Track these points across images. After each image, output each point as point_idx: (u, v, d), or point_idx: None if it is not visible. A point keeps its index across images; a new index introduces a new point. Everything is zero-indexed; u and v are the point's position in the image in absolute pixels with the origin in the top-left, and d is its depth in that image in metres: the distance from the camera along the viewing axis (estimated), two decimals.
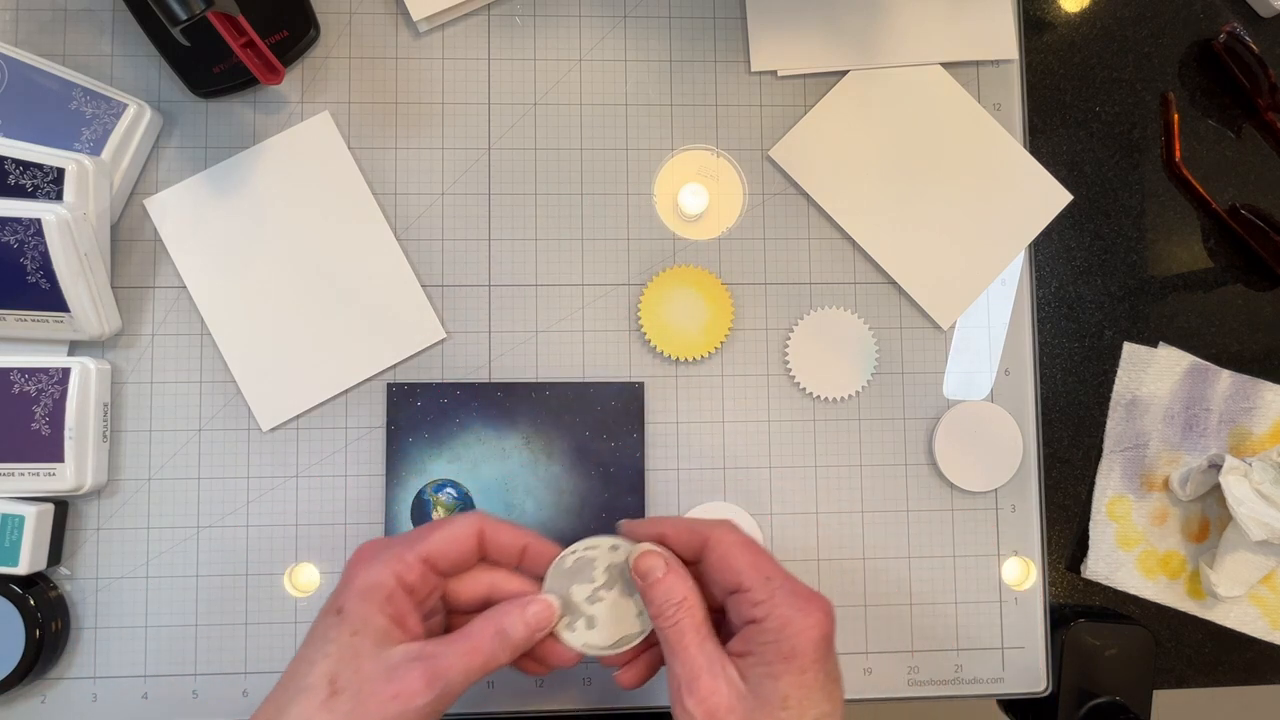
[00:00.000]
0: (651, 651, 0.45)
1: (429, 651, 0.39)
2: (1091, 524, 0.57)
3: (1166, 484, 0.58)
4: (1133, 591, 0.57)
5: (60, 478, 0.49)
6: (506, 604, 0.41)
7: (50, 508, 0.50)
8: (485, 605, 0.43)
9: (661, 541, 0.43)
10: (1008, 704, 0.59)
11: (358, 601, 0.39)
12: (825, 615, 0.39)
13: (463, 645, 0.39)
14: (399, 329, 0.54)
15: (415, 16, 0.54)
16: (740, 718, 0.38)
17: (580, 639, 0.43)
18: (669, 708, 0.54)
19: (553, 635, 0.42)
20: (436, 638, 0.40)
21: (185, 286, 0.53)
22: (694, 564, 0.43)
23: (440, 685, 0.38)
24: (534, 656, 0.43)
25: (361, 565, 0.40)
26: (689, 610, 0.41)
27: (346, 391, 0.53)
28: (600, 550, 0.44)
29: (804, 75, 0.57)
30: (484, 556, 0.44)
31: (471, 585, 0.43)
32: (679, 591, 0.41)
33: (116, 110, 0.51)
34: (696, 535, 0.42)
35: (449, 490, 0.53)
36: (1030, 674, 0.55)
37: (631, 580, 0.43)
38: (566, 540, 0.44)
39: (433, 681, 0.38)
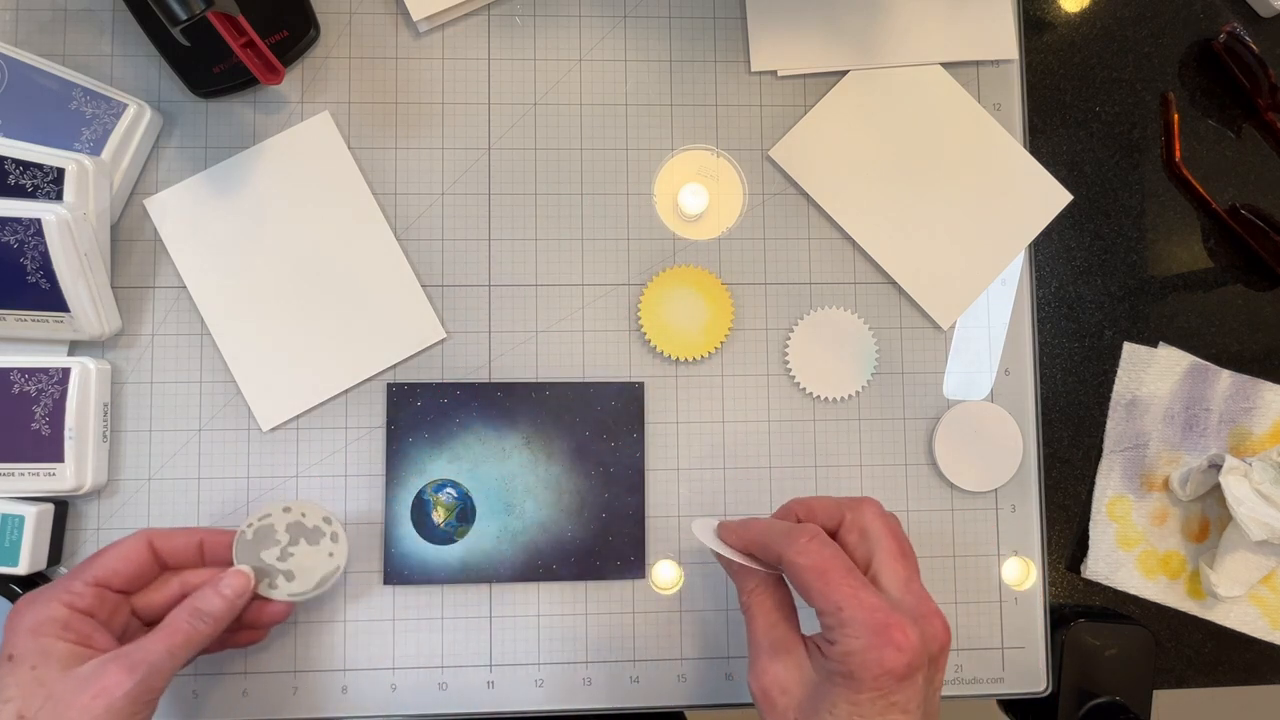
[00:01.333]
0: None
1: (125, 650, 0.40)
2: (1091, 524, 0.57)
3: (1166, 484, 0.58)
4: (1133, 591, 0.57)
5: (60, 478, 0.49)
6: (202, 587, 0.43)
7: (50, 508, 0.50)
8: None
9: (744, 549, 0.42)
10: (1008, 704, 0.59)
11: (28, 640, 0.39)
12: (897, 650, 0.36)
13: (160, 633, 0.41)
14: (399, 329, 0.54)
15: (415, 16, 0.54)
16: (793, 703, 0.38)
17: (285, 591, 0.47)
18: (668, 707, 0.54)
19: (259, 599, 0.46)
20: (134, 641, 0.41)
21: (185, 286, 0.53)
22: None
23: (142, 669, 0.39)
24: (247, 624, 0.46)
25: (23, 609, 0.40)
26: (759, 597, 0.41)
27: (346, 391, 0.53)
28: (275, 514, 0.48)
29: (804, 75, 0.57)
30: (165, 566, 0.45)
31: (162, 592, 0.45)
32: (751, 581, 0.42)
33: (116, 110, 0.51)
34: (771, 552, 0.40)
35: (449, 490, 0.53)
36: (1030, 674, 0.55)
37: (313, 531, 0.48)
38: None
39: (133, 669, 0.38)
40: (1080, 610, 0.57)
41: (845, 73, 0.57)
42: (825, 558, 0.38)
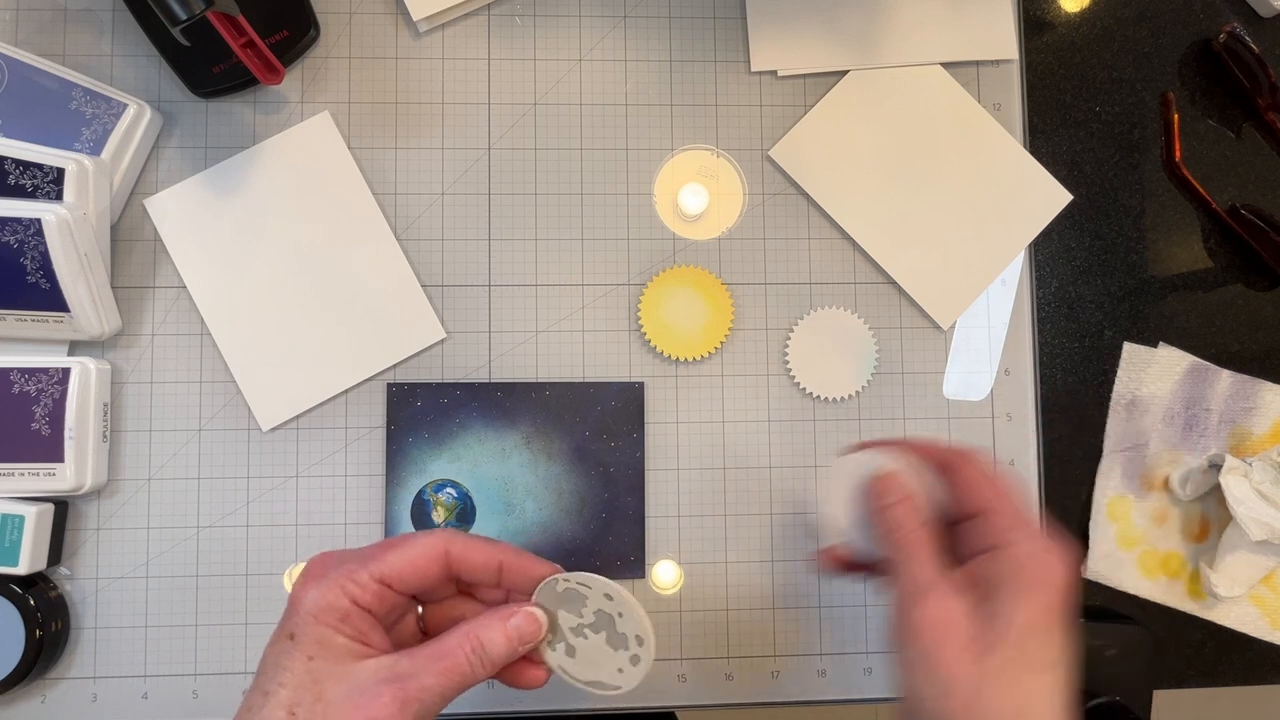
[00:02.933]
0: None
1: (401, 670, 0.36)
2: (1091, 524, 0.57)
3: (1166, 484, 0.58)
4: (1133, 591, 0.57)
5: (60, 478, 0.49)
6: (487, 615, 0.38)
7: (50, 508, 0.50)
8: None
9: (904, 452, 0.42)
10: None
11: (310, 624, 0.36)
12: (1068, 570, 0.37)
13: (438, 665, 0.36)
14: (399, 329, 0.54)
15: (415, 16, 0.54)
16: (963, 644, 0.36)
17: (558, 660, 0.40)
18: (668, 708, 0.54)
19: (532, 651, 0.40)
20: (409, 650, 0.37)
21: (185, 286, 0.53)
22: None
23: (414, 708, 0.35)
24: (504, 671, 0.40)
25: (310, 585, 0.37)
26: (921, 528, 0.39)
27: (346, 391, 0.53)
28: (594, 591, 0.40)
29: (804, 75, 0.57)
30: (455, 577, 0.40)
31: (447, 613, 0.41)
32: (912, 518, 0.40)
33: (116, 110, 0.51)
34: (940, 456, 0.41)
35: (449, 490, 0.53)
36: None
37: (619, 636, 0.40)
38: (556, 557, 0.43)
39: (405, 705, 0.35)
40: (1080, 610, 0.57)
41: (845, 73, 0.57)
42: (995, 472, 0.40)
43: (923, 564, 0.38)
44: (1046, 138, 0.59)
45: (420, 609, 0.41)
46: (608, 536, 0.53)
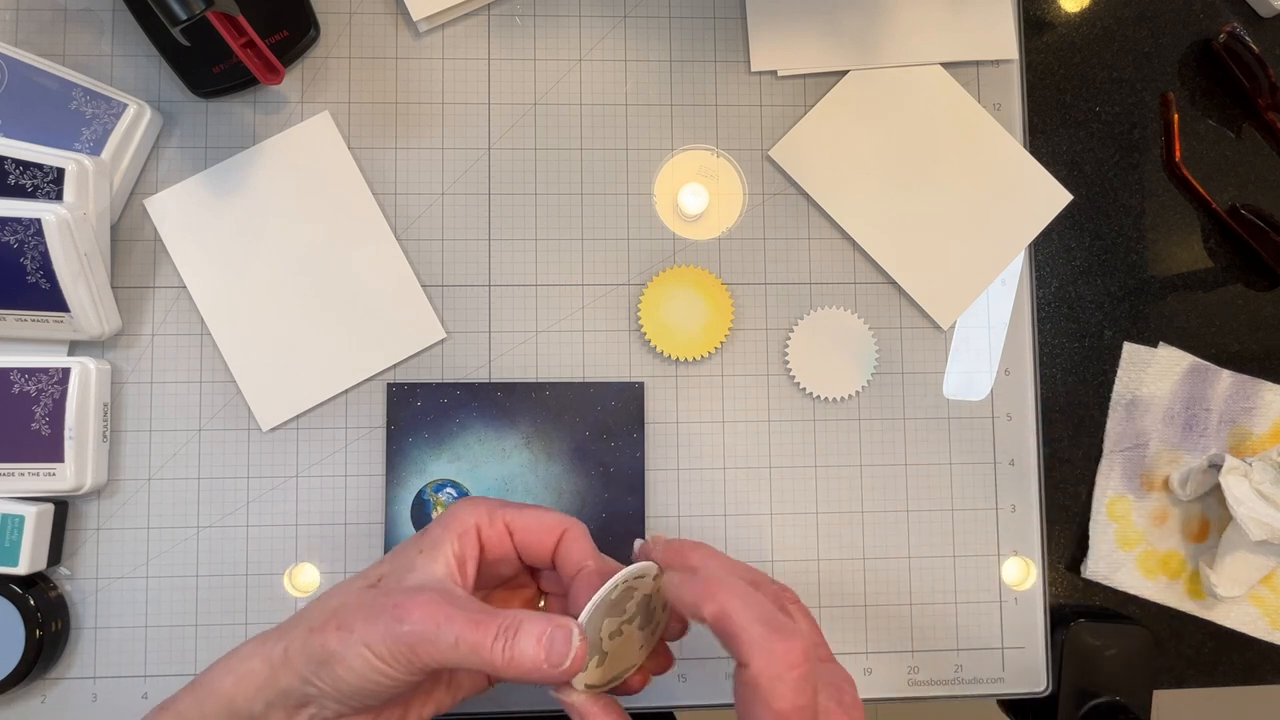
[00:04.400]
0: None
1: (452, 596, 0.36)
2: (1091, 524, 0.57)
3: (1166, 484, 0.58)
4: (1133, 591, 0.57)
5: (60, 478, 0.49)
6: (536, 617, 0.36)
7: (50, 508, 0.50)
8: None
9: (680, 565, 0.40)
10: (1008, 704, 0.59)
11: (439, 530, 0.40)
12: (792, 663, 0.34)
13: (476, 619, 0.36)
14: (399, 329, 0.54)
15: (415, 16, 0.54)
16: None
17: (583, 680, 0.38)
18: (668, 708, 0.54)
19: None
20: (470, 596, 0.38)
21: (185, 286, 0.53)
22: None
23: (432, 627, 0.35)
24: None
25: (459, 506, 0.41)
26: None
27: (346, 391, 0.53)
28: (645, 580, 0.39)
29: (804, 75, 0.57)
30: (553, 561, 0.41)
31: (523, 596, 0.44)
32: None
33: (116, 110, 0.51)
34: (678, 560, 0.41)
35: (449, 490, 0.53)
36: (1030, 674, 0.55)
37: (649, 612, 0.40)
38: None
39: (432, 619, 0.35)
40: (1080, 610, 0.57)
41: (845, 73, 0.57)
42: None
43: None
44: (1046, 138, 0.59)
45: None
46: (608, 536, 0.53)
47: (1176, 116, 0.60)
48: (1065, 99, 0.60)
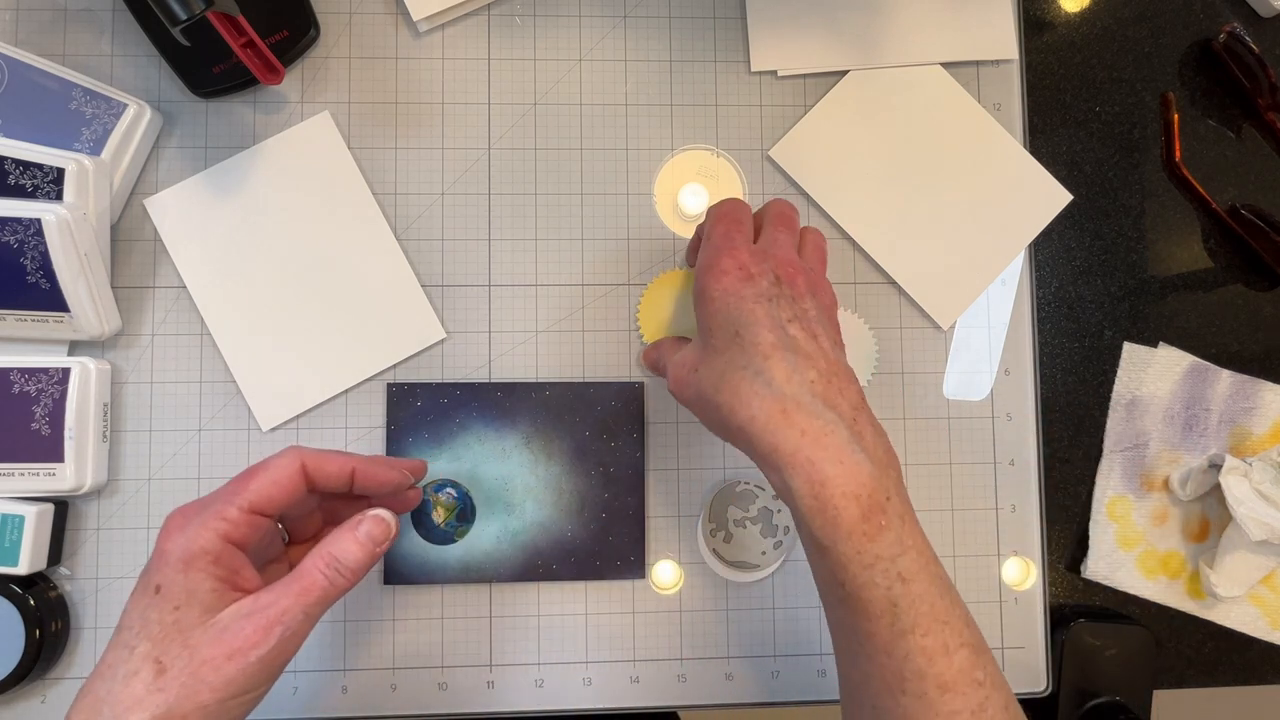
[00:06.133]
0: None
1: (261, 604, 0.37)
2: (1091, 524, 0.57)
3: (1166, 484, 0.58)
4: (1133, 591, 0.57)
5: (60, 478, 0.49)
6: (336, 530, 0.40)
7: (50, 508, 0.50)
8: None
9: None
10: None
11: (178, 574, 0.37)
12: (730, 257, 0.43)
13: (295, 586, 0.38)
14: (399, 329, 0.54)
15: (415, 16, 0.54)
16: (691, 368, 0.43)
17: (715, 544, 0.53)
18: (668, 708, 0.54)
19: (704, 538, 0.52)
20: (268, 587, 0.38)
21: (185, 286, 0.53)
22: None
23: (278, 631, 0.36)
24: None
25: (176, 533, 0.37)
26: (669, 351, 0.48)
27: (346, 391, 0.53)
28: (765, 495, 0.53)
29: (804, 75, 0.57)
30: (313, 490, 0.41)
31: (308, 507, 0.44)
32: (661, 352, 0.51)
33: (116, 110, 0.51)
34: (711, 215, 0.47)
35: (449, 490, 0.53)
36: (1030, 674, 0.55)
37: (772, 527, 0.53)
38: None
39: (269, 629, 0.36)
40: (1080, 610, 0.57)
41: (845, 73, 0.57)
42: (730, 208, 0.46)
43: (664, 360, 0.47)
44: (1046, 138, 0.59)
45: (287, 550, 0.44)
46: (608, 536, 0.53)
47: (1176, 116, 0.60)
48: (1065, 99, 0.60)
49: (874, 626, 0.38)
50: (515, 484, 0.53)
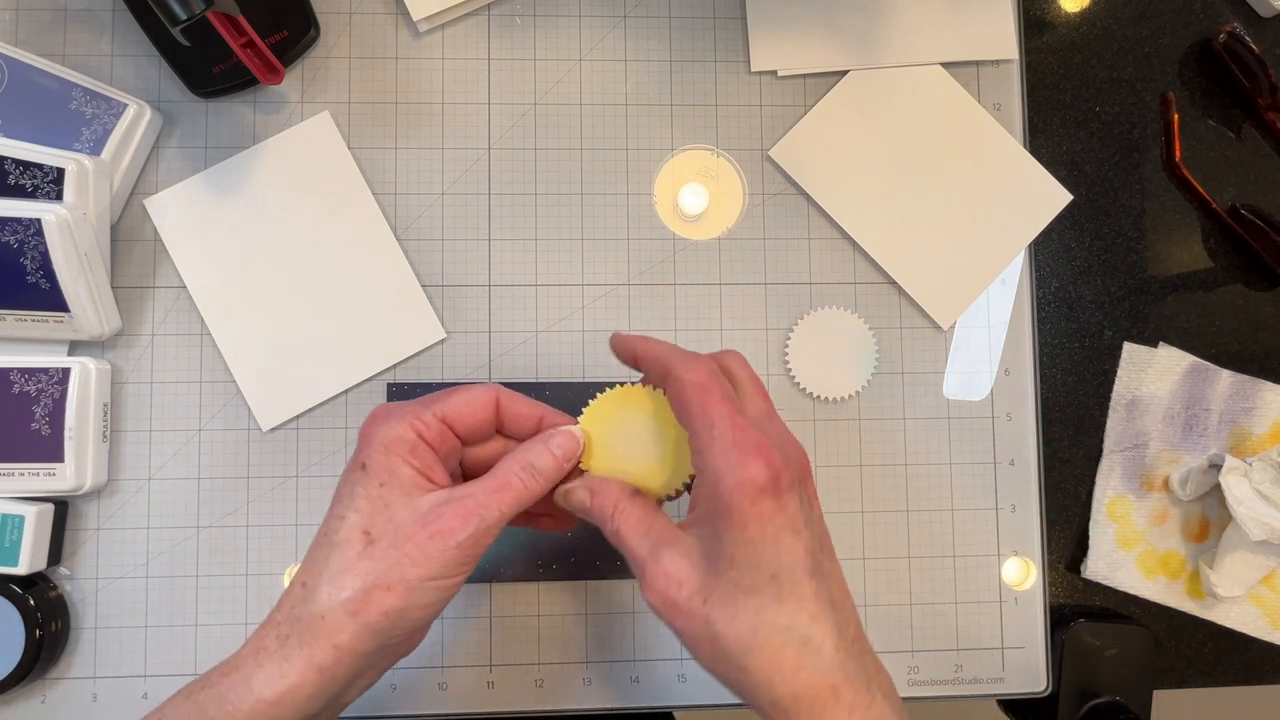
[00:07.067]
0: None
1: (460, 493, 0.38)
2: (1091, 524, 0.57)
3: (1166, 484, 0.58)
4: (1133, 591, 0.57)
5: (60, 478, 0.49)
6: (530, 441, 0.41)
7: (50, 508, 0.50)
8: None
9: (634, 363, 0.42)
10: (1008, 704, 0.59)
11: (381, 455, 0.39)
12: (764, 464, 0.35)
13: (492, 483, 0.39)
14: (399, 329, 0.54)
15: (415, 16, 0.54)
16: (694, 591, 0.36)
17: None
18: (668, 708, 0.54)
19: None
20: (466, 484, 0.39)
21: (185, 286, 0.53)
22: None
23: (475, 521, 0.37)
24: (553, 511, 0.43)
25: (379, 423, 0.40)
26: (624, 512, 0.39)
27: (346, 391, 0.53)
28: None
29: (804, 75, 0.57)
30: (500, 429, 0.43)
31: (490, 450, 0.43)
32: (610, 499, 0.40)
33: (116, 110, 0.51)
34: (661, 367, 0.40)
35: None
36: (1030, 674, 0.55)
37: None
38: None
39: (468, 518, 0.37)
40: (1080, 610, 0.57)
41: (845, 73, 0.57)
42: (712, 380, 0.38)
43: (630, 546, 0.38)
44: (1046, 138, 0.59)
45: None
46: None
47: (1176, 116, 0.60)
48: (1065, 99, 0.60)
49: None
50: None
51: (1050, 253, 0.59)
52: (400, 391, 0.53)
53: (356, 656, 0.37)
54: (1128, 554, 0.57)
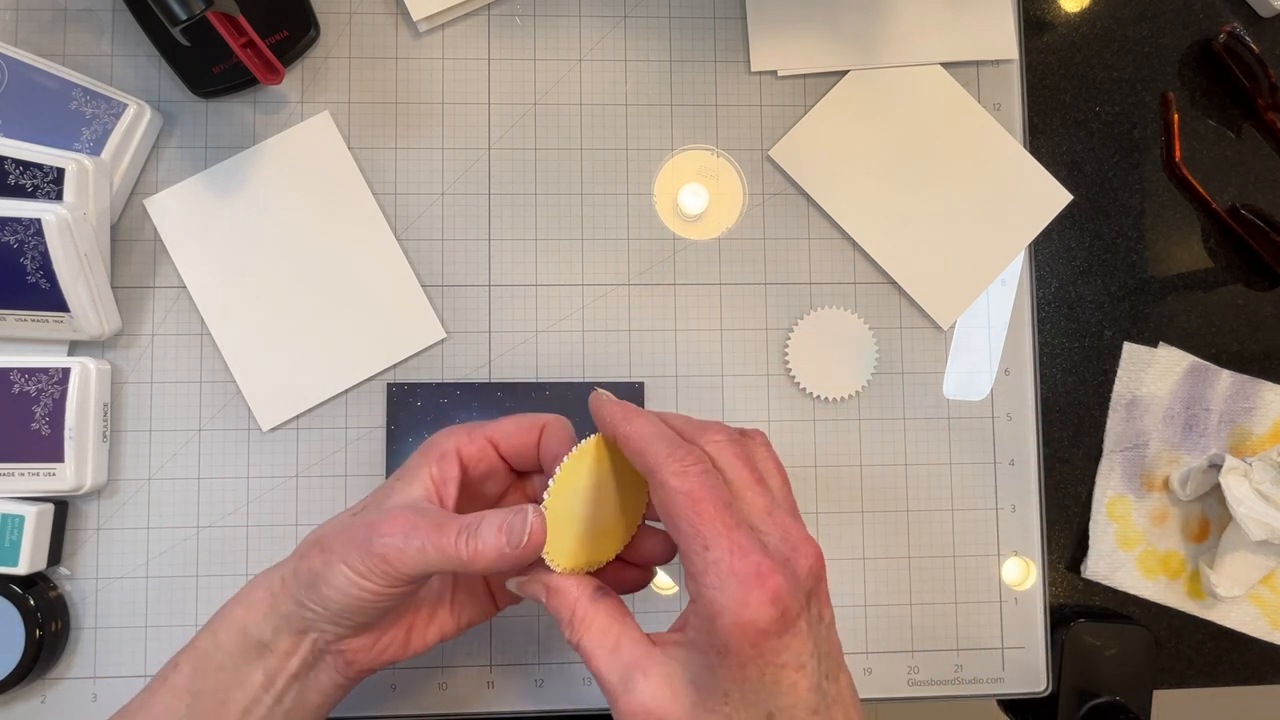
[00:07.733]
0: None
1: (423, 509, 0.38)
2: (1091, 524, 0.57)
3: (1166, 484, 0.58)
4: (1133, 591, 0.57)
5: (60, 478, 0.49)
6: (507, 509, 0.37)
7: (50, 508, 0.50)
8: None
9: (611, 439, 0.38)
10: (1008, 704, 0.59)
11: (419, 456, 0.41)
12: (768, 600, 0.31)
13: (439, 522, 0.36)
14: (399, 329, 0.54)
15: (415, 16, 0.54)
16: (687, 708, 0.33)
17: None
18: None
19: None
20: (441, 509, 0.39)
21: (185, 286, 0.53)
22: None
23: (416, 541, 0.36)
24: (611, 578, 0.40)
25: (436, 435, 0.42)
26: (585, 623, 0.35)
27: (346, 391, 0.53)
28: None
29: (804, 75, 0.57)
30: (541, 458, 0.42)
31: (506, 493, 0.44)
32: (568, 606, 0.36)
33: (116, 110, 0.51)
34: (644, 463, 0.35)
35: None
36: (1030, 674, 0.55)
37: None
38: None
39: (409, 532, 0.36)
40: (1080, 610, 0.57)
41: (845, 73, 0.57)
42: (704, 487, 0.33)
43: (600, 668, 0.34)
44: (1046, 138, 0.59)
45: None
46: None
47: (1176, 116, 0.60)
48: (1065, 99, 0.60)
49: None
50: None
51: (1050, 253, 0.59)
52: (400, 392, 0.53)
53: (288, 596, 0.38)
54: (1128, 554, 0.57)
